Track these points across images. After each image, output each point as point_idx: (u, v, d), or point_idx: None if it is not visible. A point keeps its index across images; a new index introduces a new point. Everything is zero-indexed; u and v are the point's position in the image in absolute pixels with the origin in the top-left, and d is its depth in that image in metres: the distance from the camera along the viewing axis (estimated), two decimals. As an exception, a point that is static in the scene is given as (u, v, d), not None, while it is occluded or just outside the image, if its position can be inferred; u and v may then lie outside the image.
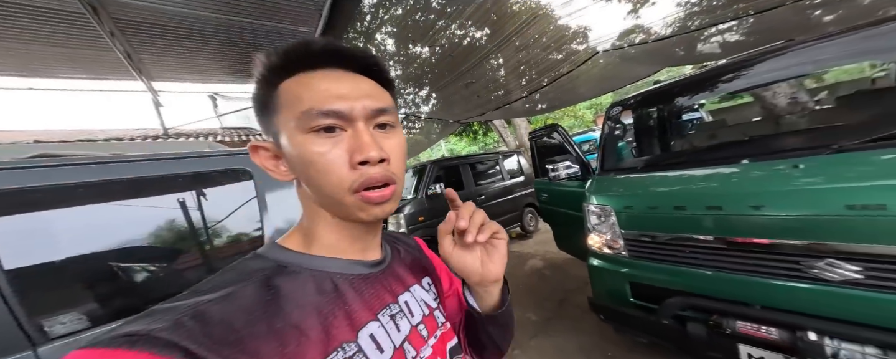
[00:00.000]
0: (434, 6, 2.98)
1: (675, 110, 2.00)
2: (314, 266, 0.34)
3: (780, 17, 2.41)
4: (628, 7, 2.86)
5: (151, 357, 0.21)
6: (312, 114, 0.30)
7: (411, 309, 0.40)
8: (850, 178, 0.91)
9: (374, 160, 0.31)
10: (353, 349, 0.31)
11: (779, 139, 1.46)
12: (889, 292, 0.81)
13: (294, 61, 0.32)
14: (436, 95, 4.02)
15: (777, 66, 1.35)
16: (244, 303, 0.28)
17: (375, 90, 0.34)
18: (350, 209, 0.33)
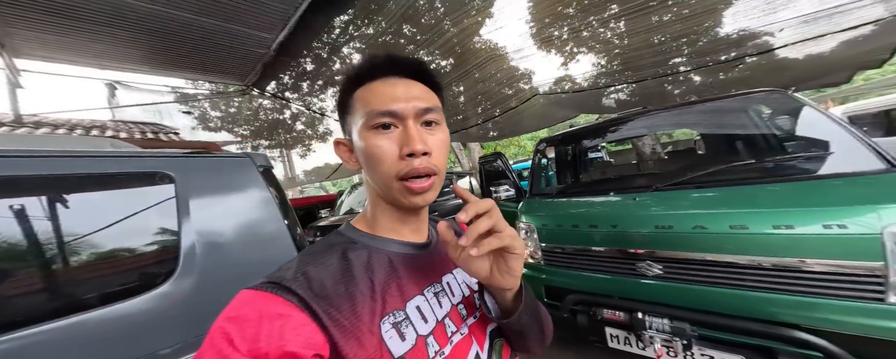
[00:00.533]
0: (405, 33, 3.04)
1: (582, 149, 2.43)
2: (375, 245, 0.40)
3: (649, 86, 3.37)
4: (561, 60, 3.49)
5: (279, 300, 0.29)
6: (373, 114, 0.35)
7: (452, 289, 0.43)
8: (658, 208, 1.30)
9: (418, 152, 0.35)
10: (402, 316, 0.35)
11: (628, 179, 1.93)
12: (677, 282, 1.17)
13: (364, 74, 0.37)
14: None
15: (634, 125, 1.88)
16: (330, 269, 0.34)
17: (424, 92, 0.38)
18: (395, 194, 0.37)
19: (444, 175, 0.39)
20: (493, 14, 3.11)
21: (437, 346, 0.36)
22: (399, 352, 0.33)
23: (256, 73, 3.11)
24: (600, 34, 3.25)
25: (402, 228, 0.42)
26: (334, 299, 0.32)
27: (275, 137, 4.68)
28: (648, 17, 3.07)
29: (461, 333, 0.40)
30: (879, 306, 0.87)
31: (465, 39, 3.25)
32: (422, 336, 0.36)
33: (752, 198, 1.15)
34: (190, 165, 1.07)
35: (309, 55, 3.00)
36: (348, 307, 0.32)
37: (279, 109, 3.89)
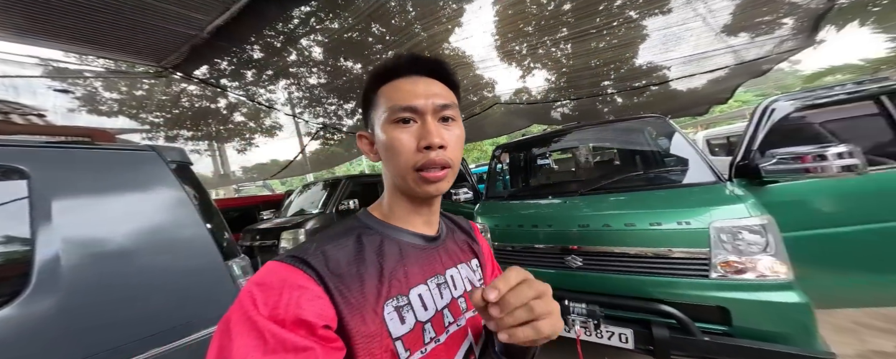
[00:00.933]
0: (374, 31, 2.83)
1: (531, 156, 2.66)
2: (387, 233, 0.41)
3: (586, 103, 3.92)
4: (520, 73, 3.74)
5: (299, 272, 0.32)
6: (395, 109, 0.37)
7: (455, 282, 0.44)
8: (580, 210, 1.51)
9: (435, 145, 0.37)
10: (404, 301, 0.37)
11: (563, 185, 2.11)
12: (593, 271, 1.34)
13: (389, 71, 0.40)
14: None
15: (569, 138, 2.25)
16: (345, 250, 0.37)
17: (443, 90, 0.40)
18: (410, 184, 0.39)
19: (458, 168, 0.41)
20: (463, 24, 3.11)
21: (434, 333, 0.38)
22: (397, 333, 0.35)
23: (181, 55, 2.50)
24: (552, 53, 3.59)
25: (415, 218, 0.43)
26: (346, 278, 0.34)
27: (201, 127, 3.84)
28: (588, 43, 3.51)
29: (458, 324, 0.42)
30: (704, 281, 1.14)
31: (435, 45, 3.19)
32: (420, 322, 0.38)
33: (640, 201, 1.45)
34: (54, 157, 0.85)
35: (257, 42, 2.53)
36: (357, 287, 0.34)
37: (211, 96, 3.20)
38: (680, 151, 1.68)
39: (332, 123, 4.10)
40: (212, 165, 4.63)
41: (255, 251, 3.09)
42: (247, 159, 4.59)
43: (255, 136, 4.33)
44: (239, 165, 4.68)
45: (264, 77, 3.02)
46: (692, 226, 1.17)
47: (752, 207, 1.14)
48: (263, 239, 3.06)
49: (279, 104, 3.53)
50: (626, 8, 3.07)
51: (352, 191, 3.61)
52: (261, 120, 4.04)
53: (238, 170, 4.79)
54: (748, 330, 1.07)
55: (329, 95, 3.54)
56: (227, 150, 4.45)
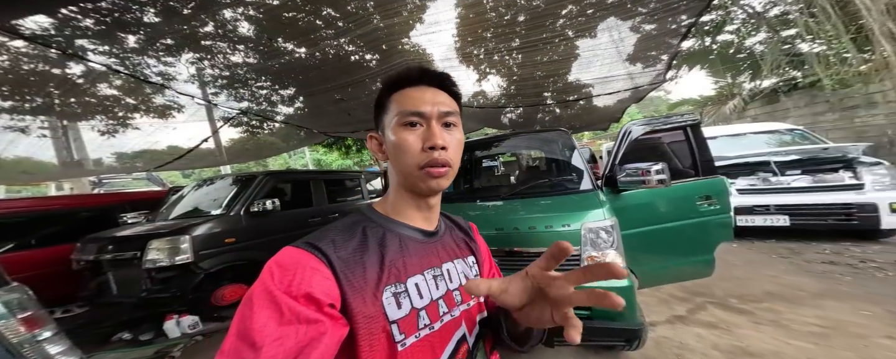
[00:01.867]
0: (324, 14, 2.46)
1: (474, 159, 2.83)
2: (390, 226, 0.46)
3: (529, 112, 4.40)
4: (477, 76, 3.85)
5: (312, 256, 0.38)
6: (405, 113, 0.43)
7: (451, 276, 0.48)
8: (500, 213, 1.63)
9: (438, 146, 0.42)
10: (402, 288, 0.41)
11: (492, 189, 2.32)
12: (506, 270, 1.41)
13: (401, 81, 0.46)
14: (303, 100, 3.21)
15: (496, 146, 2.51)
16: (352, 240, 0.42)
17: (446, 99, 0.45)
18: (415, 181, 0.44)
19: (458, 169, 0.46)
20: (425, 21, 2.95)
21: (428, 320, 0.42)
22: (394, 317, 0.39)
23: None
24: (506, 60, 3.80)
25: (416, 214, 0.48)
26: (351, 264, 0.39)
27: (30, 97, 2.64)
28: (535, 55, 3.86)
29: (452, 314, 0.45)
30: None
31: (393, 37, 2.95)
32: (415, 309, 0.41)
33: (542, 207, 1.64)
34: None
35: (152, 4, 1.85)
36: (361, 272, 0.39)
37: (57, 61, 2.22)
38: (575, 162, 2.02)
39: (259, 109, 3.36)
40: (53, 150, 3.21)
41: (104, 266, 2.46)
42: (124, 144, 3.36)
43: (135, 115, 3.18)
44: (111, 150, 3.38)
45: (159, 46, 2.22)
46: (571, 228, 1.41)
47: (607, 212, 1.45)
48: (119, 250, 2.41)
49: (181, 81, 2.68)
50: (566, 27, 3.49)
51: (272, 189, 3.12)
52: (147, 97, 2.97)
53: (108, 157, 3.46)
54: (600, 311, 1.33)
55: (259, 77, 2.87)
56: (82, 131, 3.11)
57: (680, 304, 2.23)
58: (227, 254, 2.62)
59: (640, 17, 3.30)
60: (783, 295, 2.25)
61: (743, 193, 3.51)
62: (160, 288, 2.38)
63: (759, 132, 4.41)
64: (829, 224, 3.10)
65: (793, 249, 3.18)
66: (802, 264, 2.80)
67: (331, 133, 4.35)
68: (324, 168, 17.43)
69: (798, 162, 3.43)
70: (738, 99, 7.61)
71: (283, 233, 3.07)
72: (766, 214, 3.33)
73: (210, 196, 3.08)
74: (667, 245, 1.79)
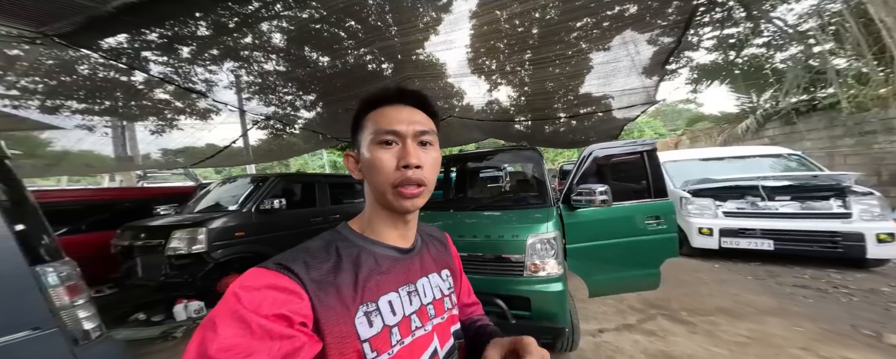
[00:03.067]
0: (348, 27, 2.71)
1: (467, 170, 3.01)
2: (364, 245, 0.46)
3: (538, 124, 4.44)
4: (488, 87, 4.00)
5: (284, 277, 0.37)
6: (380, 131, 0.43)
7: (425, 290, 0.48)
8: (467, 222, 1.85)
9: (412, 165, 0.42)
10: (373, 307, 0.41)
11: (466, 200, 2.52)
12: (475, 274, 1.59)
13: (378, 100, 0.47)
14: (322, 106, 3.51)
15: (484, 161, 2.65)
16: (325, 261, 0.41)
17: (423, 118, 0.46)
18: (389, 199, 0.44)
19: (433, 187, 0.47)
20: (440, 32, 3.17)
21: (400, 336, 0.42)
22: (365, 335, 0.39)
23: (73, 23, 2.00)
24: (518, 72, 3.93)
25: (391, 232, 0.48)
26: (324, 285, 0.39)
27: (100, 101, 3.09)
28: (547, 68, 3.95)
29: (424, 329, 0.46)
30: (520, 278, 1.58)
31: (408, 49, 3.18)
32: (387, 326, 0.42)
33: (503, 219, 1.85)
34: None
35: (205, 19, 2.17)
36: (334, 293, 0.39)
37: (125, 69, 2.61)
38: (541, 179, 2.24)
39: (284, 113, 3.70)
40: (112, 146, 3.70)
41: (135, 252, 2.76)
42: (169, 142, 3.81)
43: (180, 117, 3.62)
44: (158, 146, 3.85)
45: (207, 56, 2.57)
46: (519, 238, 1.60)
47: (552, 226, 1.63)
48: (149, 238, 2.73)
49: (222, 86, 3.05)
50: (581, 40, 3.57)
51: (282, 189, 3.41)
52: (192, 101, 3.39)
53: (156, 152, 3.93)
54: (539, 312, 1.52)
55: (287, 83, 3.20)
56: (137, 130, 3.59)
57: (634, 314, 2.38)
58: (237, 246, 2.88)
59: (659, 31, 3.33)
60: (732, 310, 2.37)
61: (729, 215, 3.55)
62: (176, 273, 2.64)
63: (763, 156, 4.39)
64: (814, 251, 3.16)
65: (772, 272, 3.23)
66: (772, 286, 2.86)
67: (342, 138, 4.68)
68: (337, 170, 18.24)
69: (789, 188, 3.45)
70: (751, 119, 7.18)
71: (287, 230, 3.33)
72: (752, 237, 3.38)
73: (229, 193, 3.41)
74: (616, 258, 1.95)
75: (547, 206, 1.96)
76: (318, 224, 3.74)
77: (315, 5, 2.36)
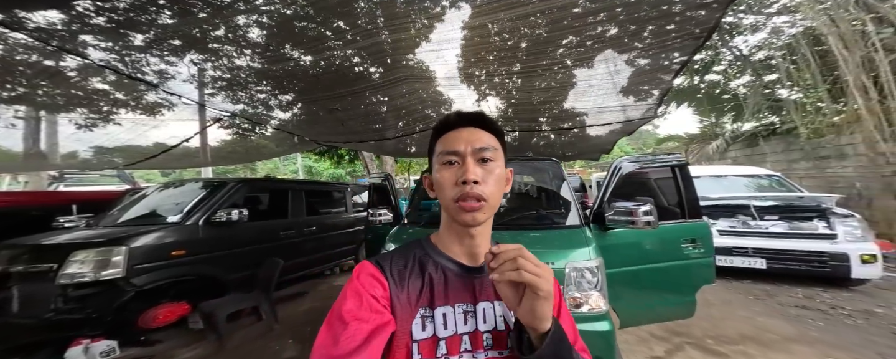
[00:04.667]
0: (335, 27, 2.66)
1: None
2: (434, 257, 0.54)
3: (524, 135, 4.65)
4: (476, 96, 4.11)
5: (377, 270, 0.50)
6: (443, 153, 0.51)
7: (485, 316, 0.50)
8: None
9: (469, 181, 0.47)
10: (429, 314, 0.48)
11: None
12: None
13: (444, 126, 0.54)
14: (300, 107, 3.34)
15: None
16: (403, 262, 0.53)
17: (484, 136, 0.52)
18: (453, 213, 0.50)
19: (497, 204, 0.51)
20: (431, 40, 3.21)
21: (446, 351, 0.46)
22: (417, 336, 0.47)
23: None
24: (506, 83, 4.09)
25: (458, 248, 0.54)
26: (399, 281, 0.50)
27: (10, 87, 2.67)
28: (534, 80, 4.17)
29: (474, 355, 0.47)
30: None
31: (398, 53, 3.17)
32: (436, 336, 0.47)
33: (529, 240, 1.62)
34: None
35: (160, 6, 1.99)
36: (405, 291, 0.49)
37: (54, 54, 2.29)
38: (564, 194, 2.04)
39: (254, 112, 3.45)
40: (22, 140, 3.15)
41: (12, 279, 2.17)
42: (102, 138, 3.33)
43: (121, 111, 3.20)
44: (87, 143, 3.33)
45: (166, 46, 2.34)
46: (555, 266, 1.37)
47: (593, 251, 1.44)
48: (33, 261, 2.16)
49: (180, 80, 2.77)
50: (566, 56, 3.83)
51: (244, 197, 3.01)
52: (139, 93, 3.03)
53: (86, 151, 3.40)
54: None
55: (261, 80, 3.00)
56: (59, 123, 3.09)
57: (659, 344, 2.32)
58: (171, 268, 2.43)
59: (636, 52, 3.68)
60: (756, 338, 2.40)
61: (723, 234, 3.79)
62: (73, 307, 2.10)
63: (739, 175, 4.81)
64: (802, 270, 3.38)
65: (767, 292, 3.42)
66: (776, 307, 3.02)
67: (321, 142, 4.45)
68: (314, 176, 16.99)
69: (776, 208, 3.75)
70: (720, 140, 8.27)
71: (247, 245, 2.94)
72: (745, 255, 3.60)
73: (170, 201, 2.93)
74: (650, 286, 1.86)
75: (578, 225, 1.75)
76: (291, 238, 3.44)
77: (302, 3, 2.27)
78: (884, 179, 5.32)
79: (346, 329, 0.41)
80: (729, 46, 8.17)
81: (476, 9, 2.87)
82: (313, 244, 3.76)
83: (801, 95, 6.75)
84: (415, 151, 4.97)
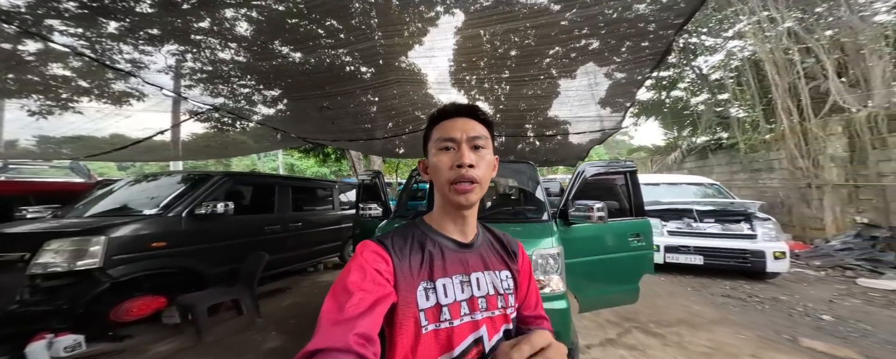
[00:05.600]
0: (328, 25, 2.64)
1: None
2: (432, 235, 0.60)
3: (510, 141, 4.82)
4: (466, 101, 4.20)
5: (380, 248, 0.55)
6: (440, 139, 0.57)
7: (478, 284, 0.58)
8: None
9: (465, 165, 0.53)
10: (431, 286, 0.55)
11: None
12: None
13: (441, 115, 0.60)
14: (286, 103, 3.25)
15: None
16: (404, 241, 0.58)
17: (477, 126, 0.58)
18: (448, 195, 0.56)
19: (486, 187, 0.57)
20: (424, 43, 3.26)
21: (448, 316, 0.53)
22: (422, 306, 0.53)
23: None
24: (495, 89, 4.22)
25: (452, 227, 0.61)
26: (402, 258, 0.55)
27: None
28: (521, 88, 4.35)
29: (472, 317, 0.55)
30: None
31: (391, 55, 3.19)
32: (439, 304, 0.53)
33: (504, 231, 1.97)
34: None
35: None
36: (407, 265, 0.55)
37: (11, 37, 2.10)
38: (538, 194, 2.34)
39: (236, 106, 3.30)
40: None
41: None
42: (56, 127, 3.02)
43: (82, 99, 2.93)
44: (35, 133, 3.00)
45: (143, 35, 2.19)
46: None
47: (555, 241, 1.68)
48: (1, 250, 2.09)
49: (154, 70, 2.60)
50: (552, 66, 4.03)
51: (229, 191, 3.02)
52: (105, 81, 2.79)
53: (28, 140, 3.05)
54: None
55: (245, 75, 2.89)
56: (7, 109, 2.75)
57: (613, 328, 2.69)
58: (150, 260, 2.38)
59: (614, 65, 3.95)
60: (689, 321, 2.83)
61: (673, 234, 4.36)
62: (40, 299, 2.03)
63: (690, 183, 5.52)
64: (730, 265, 3.97)
65: (703, 284, 3.99)
66: (708, 296, 3.56)
67: (310, 139, 4.33)
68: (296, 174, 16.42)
69: (713, 212, 4.38)
70: (678, 151, 9.13)
71: (231, 239, 2.94)
72: (688, 253, 4.16)
73: (147, 194, 2.85)
74: (604, 274, 2.13)
75: (544, 220, 2.01)
76: (276, 233, 3.40)
77: (296, 1, 2.24)
78: (800, 190, 6.15)
79: (350, 298, 0.45)
80: (692, 65, 8.95)
81: (469, 16, 2.96)
82: (298, 240, 3.75)
83: (743, 114, 7.61)
84: (403, 152, 4.98)
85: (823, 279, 4.20)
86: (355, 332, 0.42)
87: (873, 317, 2.95)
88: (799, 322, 2.85)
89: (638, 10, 2.68)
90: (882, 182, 5.03)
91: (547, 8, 2.73)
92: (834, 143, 5.67)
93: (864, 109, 5.38)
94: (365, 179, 2.94)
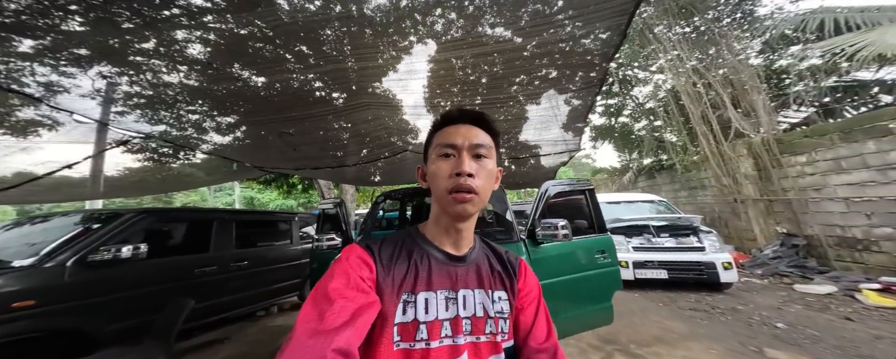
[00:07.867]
0: (297, 51, 2.55)
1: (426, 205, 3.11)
2: (421, 244, 0.58)
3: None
4: (439, 126, 4.25)
5: (366, 253, 0.53)
6: (441, 146, 0.55)
7: (465, 302, 0.53)
8: None
9: (464, 173, 0.51)
10: (411, 299, 0.51)
11: None
12: None
13: (444, 121, 0.58)
14: (245, 130, 2.97)
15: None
16: (392, 248, 0.56)
17: (479, 133, 0.56)
18: (445, 203, 0.53)
19: (487, 198, 0.55)
20: (399, 69, 3.28)
21: (426, 335, 0.49)
22: (397, 319, 0.49)
23: None
24: (466, 115, 4.35)
25: (445, 238, 0.58)
26: (387, 266, 0.53)
27: None
28: (494, 113, 4.54)
29: (454, 340, 0.50)
30: None
31: (364, 80, 3.15)
32: (417, 320, 0.49)
33: None
34: None
35: (69, 11, 1.65)
36: (390, 274, 0.52)
37: None
38: (506, 216, 2.41)
39: (181, 134, 2.91)
40: None
41: None
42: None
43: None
44: None
45: (67, 55, 1.88)
46: None
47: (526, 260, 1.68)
48: None
49: (75, 94, 2.23)
50: (519, 93, 4.29)
51: (145, 230, 2.59)
52: (8, 109, 2.30)
53: None
54: None
55: (195, 100, 2.60)
56: None
57: (595, 352, 2.66)
58: (10, 324, 1.94)
59: (571, 93, 4.32)
60: (664, 339, 2.90)
61: (637, 250, 4.62)
62: None
63: (643, 201, 6.06)
64: (691, 277, 4.20)
65: (671, 298, 4.16)
66: (677, 310, 3.71)
67: (268, 168, 3.95)
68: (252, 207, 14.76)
69: (667, 227, 4.76)
70: (631, 172, 10.26)
71: (144, 287, 2.49)
72: (654, 268, 4.38)
73: (27, 239, 2.37)
74: (577, 293, 2.11)
75: (514, 241, 2.03)
76: (210, 275, 2.95)
77: (261, 25, 2.12)
78: (730, 204, 7.10)
79: (331, 306, 0.42)
80: (630, 95, 10.33)
81: (440, 45, 3.08)
82: (242, 282, 3.31)
83: (675, 138, 8.85)
84: (379, 179, 4.77)
85: (767, 287, 4.54)
86: (333, 347, 0.39)
87: (816, 322, 3.21)
88: (759, 332, 3.02)
89: (584, 45, 3.03)
90: (787, 196, 5.89)
91: (511, 39, 2.95)
92: (743, 163, 6.68)
93: (758, 134, 6.50)
94: (326, 208, 2.74)
